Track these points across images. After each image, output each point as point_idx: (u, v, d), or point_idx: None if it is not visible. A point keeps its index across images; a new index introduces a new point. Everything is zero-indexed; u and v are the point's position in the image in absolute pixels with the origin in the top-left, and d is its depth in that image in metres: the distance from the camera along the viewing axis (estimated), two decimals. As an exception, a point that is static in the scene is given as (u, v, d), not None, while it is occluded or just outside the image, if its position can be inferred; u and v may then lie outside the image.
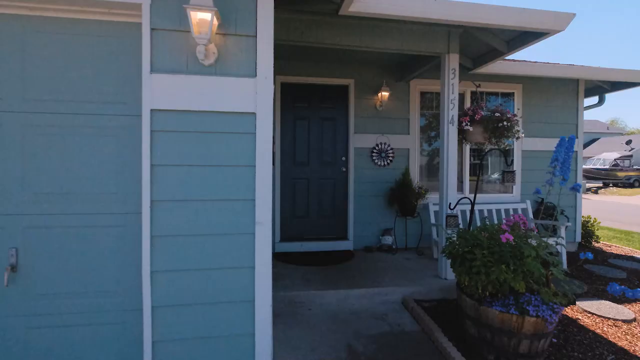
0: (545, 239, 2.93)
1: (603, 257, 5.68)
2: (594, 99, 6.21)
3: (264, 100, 2.21)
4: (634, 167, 23.18)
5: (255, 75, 2.21)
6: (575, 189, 2.99)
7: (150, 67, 2.12)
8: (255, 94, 2.20)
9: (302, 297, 3.68)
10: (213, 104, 2.16)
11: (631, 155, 24.01)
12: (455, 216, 3.29)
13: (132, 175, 2.28)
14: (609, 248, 6.40)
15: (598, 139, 33.07)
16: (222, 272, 2.20)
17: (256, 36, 2.22)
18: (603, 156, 24.56)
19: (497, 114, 3.82)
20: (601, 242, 6.75)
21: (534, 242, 2.83)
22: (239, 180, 2.20)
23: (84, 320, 2.27)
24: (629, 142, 26.79)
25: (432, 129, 5.79)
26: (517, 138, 3.94)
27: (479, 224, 5.38)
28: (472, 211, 3.41)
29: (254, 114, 2.21)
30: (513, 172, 3.24)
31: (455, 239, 3.11)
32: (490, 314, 2.65)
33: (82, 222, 2.26)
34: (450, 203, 3.45)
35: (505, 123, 3.79)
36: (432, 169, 5.82)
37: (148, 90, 2.11)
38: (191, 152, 2.16)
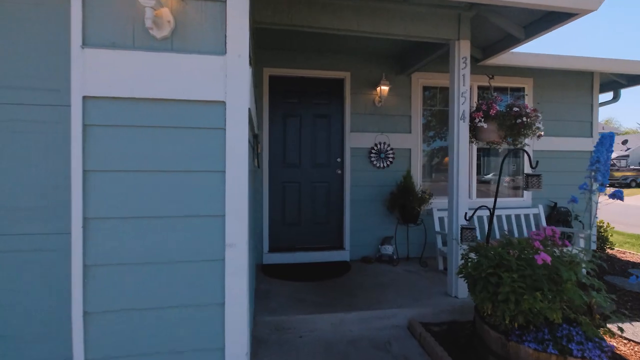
0: (581, 255, 2.45)
1: (621, 266, 5.22)
2: (609, 95, 5.77)
3: (236, 85, 1.69)
4: (631, 167, 23.02)
5: (225, 53, 1.68)
6: (617, 195, 2.50)
7: (83, 39, 1.59)
8: (224, 77, 1.67)
9: (291, 322, 3.15)
10: (168, 89, 1.64)
11: (628, 155, 23.86)
12: (472, 228, 2.78)
13: (67, 185, 1.74)
14: (623, 255, 5.96)
15: (593, 139, 32.94)
16: (180, 312, 1.67)
17: (226, 1, 1.69)
18: (599, 156, 24.35)
19: (515, 109, 3.33)
20: (614, 248, 6.30)
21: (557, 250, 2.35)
22: (203, 190, 1.68)
23: (1, 374, 1.73)
24: (625, 142, 26.67)
25: (436, 127, 5.29)
26: (539, 136, 3.45)
27: (486, 229, 4.91)
28: (490, 221, 2.91)
29: (223, 103, 1.68)
30: (539, 175, 2.75)
31: (473, 256, 2.62)
32: (522, 352, 2.15)
33: (-2, 245, 1.72)
34: (465, 213, 2.95)
35: (524, 119, 3.30)
36: (437, 171, 5.32)
37: (79, 70, 1.58)
38: (138, 154, 1.63)
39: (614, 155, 23.68)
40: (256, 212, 4.46)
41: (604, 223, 6.04)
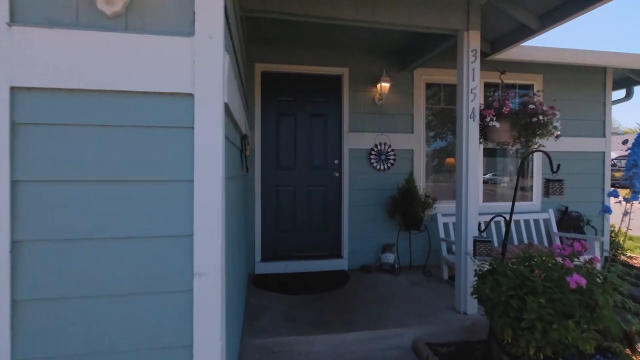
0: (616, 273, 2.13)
1: (635, 274, 4.91)
2: (621, 93, 5.48)
3: (207, 74, 1.36)
4: (632, 167, 22.77)
5: (193, 34, 1.35)
6: (653, 204, 2.19)
7: (10, 15, 1.25)
8: (192, 64, 1.35)
9: (284, 344, 2.82)
10: (121, 78, 1.30)
11: (628, 156, 23.62)
12: (488, 241, 2.46)
13: None
14: (636, 261, 5.66)
15: (592, 138, 32.68)
16: (139, 357, 1.33)
17: (194, -31, 1.36)
18: (600, 156, 24.10)
19: (530, 106, 3.01)
20: (626, 254, 6.00)
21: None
22: (165, 204, 1.35)
23: None
24: (625, 142, 26.38)
25: (440, 127, 4.97)
26: (557, 137, 3.14)
27: (494, 236, 4.59)
28: (507, 232, 2.58)
29: (190, 95, 1.35)
30: (561, 181, 2.44)
31: (487, 271, 2.30)
32: (551, 391, 1.83)
33: None
34: (480, 223, 2.63)
35: (541, 118, 2.99)
36: (441, 173, 5.00)
37: (5, 54, 1.24)
38: (83, 160, 1.29)
39: (614, 155, 23.43)
40: (247, 219, 4.14)
41: (615, 228, 5.73)
